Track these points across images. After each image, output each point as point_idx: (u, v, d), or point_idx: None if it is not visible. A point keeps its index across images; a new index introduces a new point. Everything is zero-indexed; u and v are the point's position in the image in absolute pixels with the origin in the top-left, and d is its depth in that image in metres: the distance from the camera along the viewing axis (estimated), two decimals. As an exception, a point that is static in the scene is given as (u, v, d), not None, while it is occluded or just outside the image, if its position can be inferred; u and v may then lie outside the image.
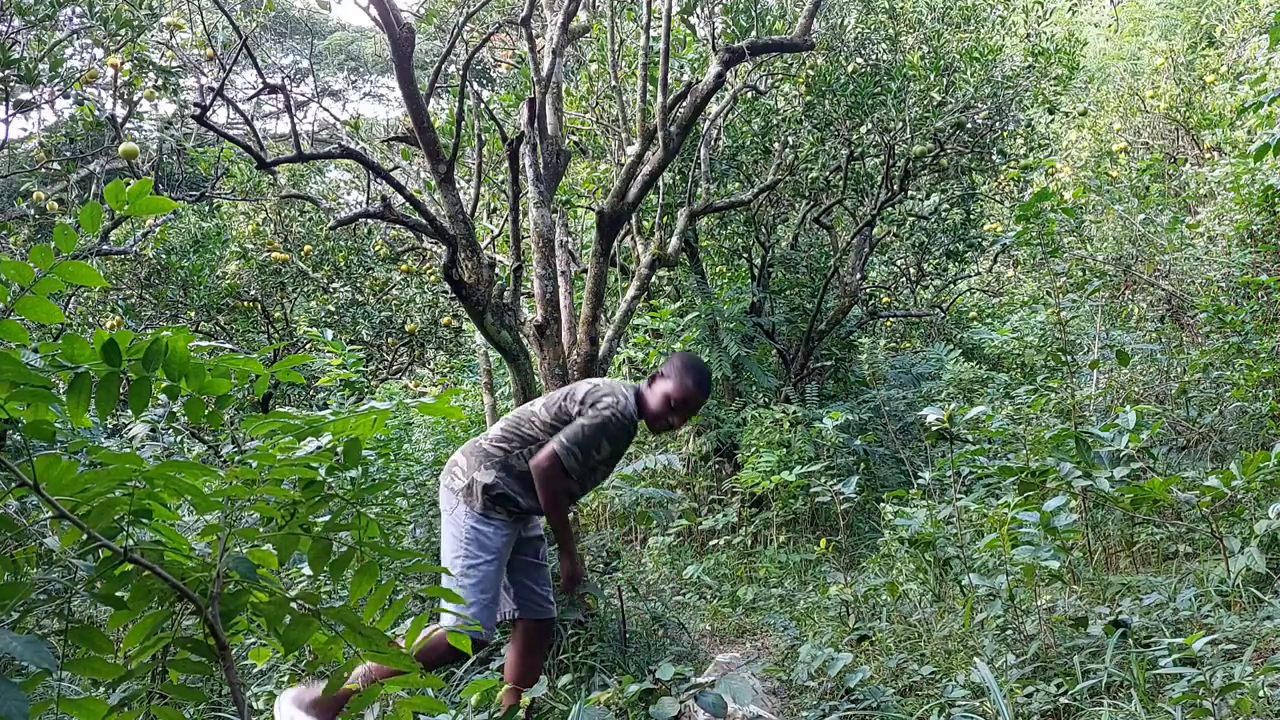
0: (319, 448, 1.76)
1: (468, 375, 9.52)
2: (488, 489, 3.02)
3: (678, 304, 7.29)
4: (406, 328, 9.22)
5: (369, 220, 6.93)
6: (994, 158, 8.23)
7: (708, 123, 7.08)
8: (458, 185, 4.65)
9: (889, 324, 11.44)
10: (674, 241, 6.15)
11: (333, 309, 8.99)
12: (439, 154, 4.46)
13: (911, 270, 10.61)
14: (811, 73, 7.55)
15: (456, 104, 5.34)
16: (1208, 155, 9.43)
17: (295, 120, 4.42)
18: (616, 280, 7.41)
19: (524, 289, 5.30)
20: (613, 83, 6.14)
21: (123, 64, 6.48)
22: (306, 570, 2.72)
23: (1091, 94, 11.01)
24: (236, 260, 8.77)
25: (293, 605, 1.73)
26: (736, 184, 8.22)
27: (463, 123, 5.07)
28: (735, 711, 3.05)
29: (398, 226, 6.62)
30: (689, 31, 7.17)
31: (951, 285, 11.06)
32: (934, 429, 4.34)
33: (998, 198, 10.24)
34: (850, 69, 7.66)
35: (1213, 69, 9.67)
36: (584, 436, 3.03)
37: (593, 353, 5.02)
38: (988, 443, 4.72)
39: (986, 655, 3.21)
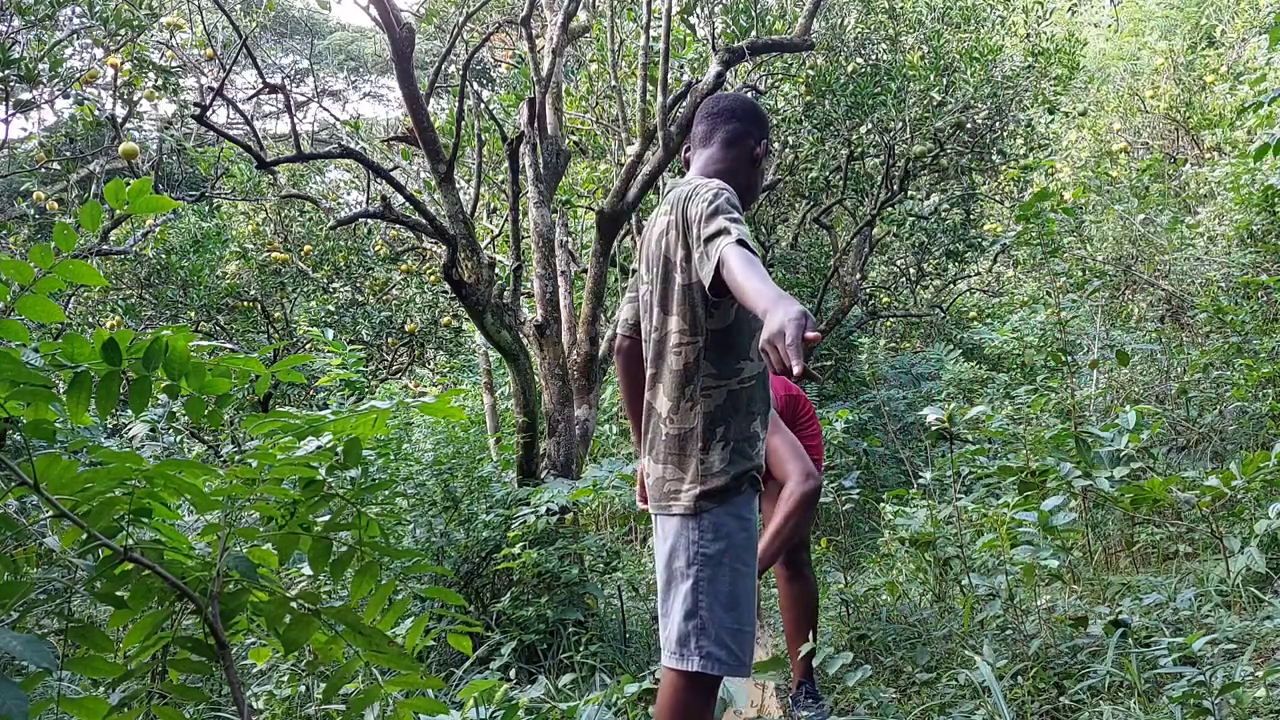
0: (319, 447, 1.76)
1: (468, 375, 9.51)
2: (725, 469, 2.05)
3: (678, 304, 7.26)
4: (406, 328, 9.21)
5: (369, 220, 6.94)
6: (994, 158, 8.23)
7: (708, 122, 7.06)
8: (458, 185, 4.66)
9: (889, 324, 11.43)
10: (674, 241, 6.13)
11: (333, 309, 8.98)
12: (439, 154, 4.46)
13: (911, 270, 10.60)
14: (811, 73, 7.55)
15: (456, 104, 5.33)
16: (1208, 155, 9.42)
17: (295, 120, 4.43)
18: (616, 280, 7.40)
19: (524, 289, 5.30)
20: (613, 83, 6.14)
21: (123, 64, 6.48)
22: (306, 570, 2.72)
23: (1091, 94, 11.01)
24: (236, 260, 8.76)
25: (293, 605, 1.73)
26: (736, 184, 8.19)
27: (463, 123, 5.07)
28: (735, 712, 3.04)
29: (398, 226, 6.62)
30: (689, 31, 7.16)
31: (951, 285, 11.06)
32: (934, 429, 4.34)
33: (998, 198, 10.24)
34: (850, 69, 7.65)
35: (1213, 69, 9.67)
36: (724, 200, 1.94)
37: (593, 353, 5.02)
38: (988, 443, 4.71)
39: (986, 655, 3.21)
